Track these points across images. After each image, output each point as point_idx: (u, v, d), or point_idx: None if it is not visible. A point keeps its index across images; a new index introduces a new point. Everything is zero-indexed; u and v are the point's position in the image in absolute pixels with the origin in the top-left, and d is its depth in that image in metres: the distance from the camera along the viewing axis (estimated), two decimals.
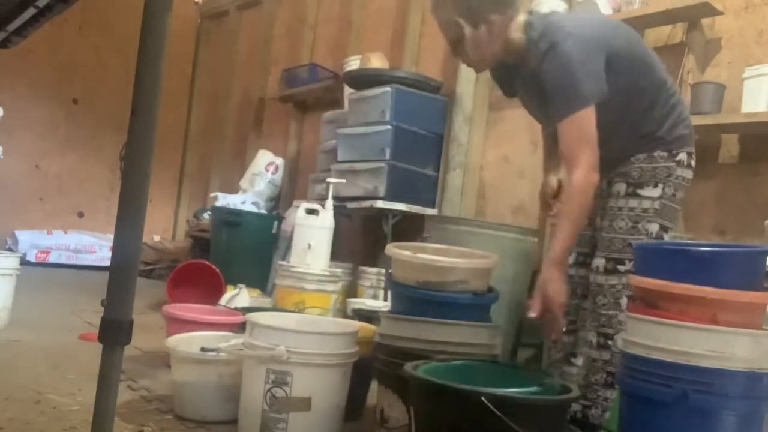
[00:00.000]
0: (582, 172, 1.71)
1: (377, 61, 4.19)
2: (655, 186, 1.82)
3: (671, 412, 1.49)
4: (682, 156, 1.85)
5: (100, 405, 1.11)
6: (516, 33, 1.85)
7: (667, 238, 1.86)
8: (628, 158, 1.85)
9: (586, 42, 1.75)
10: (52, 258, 5.78)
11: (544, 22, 1.83)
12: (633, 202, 1.83)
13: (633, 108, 1.84)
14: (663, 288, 1.55)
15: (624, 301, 1.80)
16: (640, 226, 1.82)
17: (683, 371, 1.48)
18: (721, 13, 2.85)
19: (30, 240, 5.75)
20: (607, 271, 1.84)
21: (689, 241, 2.50)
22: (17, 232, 5.79)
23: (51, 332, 2.91)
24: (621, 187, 1.86)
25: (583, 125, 1.72)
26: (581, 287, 2.00)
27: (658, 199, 1.82)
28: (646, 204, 1.82)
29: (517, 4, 1.87)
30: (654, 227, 1.82)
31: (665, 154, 1.83)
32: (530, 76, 1.85)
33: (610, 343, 1.81)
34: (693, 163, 1.89)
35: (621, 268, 1.82)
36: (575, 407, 1.84)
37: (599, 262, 1.87)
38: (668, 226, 1.85)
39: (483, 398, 1.28)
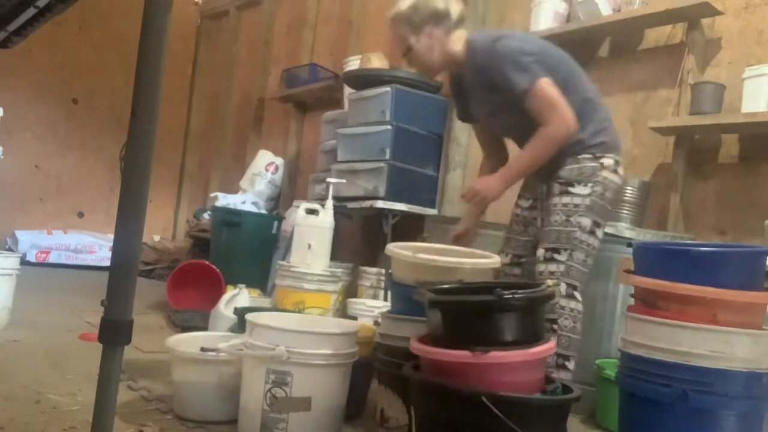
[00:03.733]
0: (553, 128, 1.96)
1: (377, 61, 4.18)
2: (585, 185, 2.01)
3: (671, 412, 1.49)
4: (608, 161, 2.05)
5: (100, 405, 1.11)
6: (457, 45, 2.12)
7: (600, 233, 2.03)
8: (560, 163, 2.06)
9: (522, 41, 2.06)
10: (52, 258, 5.78)
11: (484, 34, 2.17)
12: (566, 199, 2.02)
13: None
14: (663, 288, 1.55)
15: (563, 287, 1.96)
16: (572, 219, 2.00)
17: (683, 371, 1.48)
18: (721, 13, 2.85)
19: (30, 240, 5.75)
20: (546, 260, 2.01)
21: (689, 241, 2.50)
22: (17, 232, 5.79)
23: (51, 332, 2.91)
24: (556, 187, 2.06)
25: (545, 93, 1.96)
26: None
27: (587, 196, 2.01)
28: (577, 200, 2.01)
29: (454, 19, 2.12)
30: (586, 221, 2.00)
31: (589, 155, 2.04)
32: (476, 81, 2.13)
33: (556, 324, 1.94)
34: (620, 170, 2.08)
35: (557, 257, 1.99)
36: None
37: (540, 252, 2.04)
38: (600, 222, 2.03)
39: (483, 398, 1.28)
